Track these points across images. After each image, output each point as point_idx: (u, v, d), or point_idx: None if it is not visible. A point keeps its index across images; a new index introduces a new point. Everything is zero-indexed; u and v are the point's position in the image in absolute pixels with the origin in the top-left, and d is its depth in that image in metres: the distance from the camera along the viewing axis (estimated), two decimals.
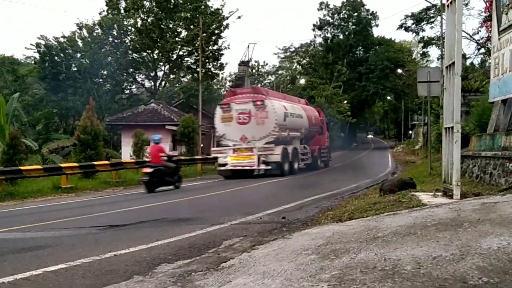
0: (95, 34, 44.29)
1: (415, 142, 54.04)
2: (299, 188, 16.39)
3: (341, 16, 75.72)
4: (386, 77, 72.38)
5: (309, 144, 26.60)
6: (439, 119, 23.52)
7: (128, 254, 6.01)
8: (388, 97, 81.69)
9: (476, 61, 37.41)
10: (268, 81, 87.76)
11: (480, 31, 30.13)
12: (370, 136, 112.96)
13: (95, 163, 20.74)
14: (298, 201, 11.44)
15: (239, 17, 75.53)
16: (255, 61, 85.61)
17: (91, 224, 9.13)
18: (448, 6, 8.09)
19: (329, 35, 76.52)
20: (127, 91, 48.90)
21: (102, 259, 5.79)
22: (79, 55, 43.37)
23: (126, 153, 29.29)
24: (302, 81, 71.66)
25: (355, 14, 75.17)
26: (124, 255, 5.94)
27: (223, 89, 70.00)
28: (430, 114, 21.70)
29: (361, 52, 77.76)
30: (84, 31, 44.59)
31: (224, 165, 21.97)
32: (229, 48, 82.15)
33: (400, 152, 50.88)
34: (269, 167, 21.53)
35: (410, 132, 75.12)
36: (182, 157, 27.79)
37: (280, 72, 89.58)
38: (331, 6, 75.67)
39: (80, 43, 44.21)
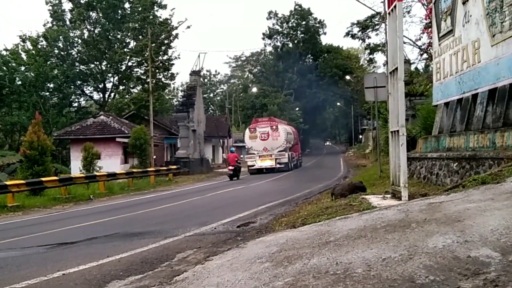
0: (39, 47, 42.90)
1: (365, 146, 54.74)
2: (262, 195, 16.51)
3: (290, 25, 76.61)
4: (335, 83, 73.35)
5: (292, 151, 37.29)
6: (387, 123, 24.16)
7: (77, 272, 5.81)
8: (338, 103, 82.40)
9: (420, 66, 38.75)
10: (221, 90, 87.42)
11: (422, 37, 31.25)
12: (328, 143, 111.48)
13: (43, 179, 20.01)
14: (253, 209, 11.44)
15: (188, 27, 75.22)
16: (207, 71, 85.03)
17: (39, 243, 8.78)
18: (389, 13, 8.35)
19: (278, 43, 77.33)
20: (75, 104, 47.56)
21: (50, 279, 5.57)
22: (23, 68, 41.85)
23: (76, 168, 28.45)
24: (254, 89, 72.17)
25: (303, 22, 76.21)
26: (73, 274, 5.74)
27: (175, 99, 69.25)
28: (378, 118, 22.41)
29: (311, 60, 78.47)
30: (28, 43, 43.13)
31: (253, 166, 34.04)
32: (179, 58, 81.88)
33: (351, 157, 51.46)
34: (282, 166, 33.82)
35: (361, 136, 75.61)
36: (134, 170, 27.29)
37: (232, 81, 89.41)
38: (279, 15, 76.47)
39: (24, 55, 42.70)
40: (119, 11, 44.24)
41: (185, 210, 13.28)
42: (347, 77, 70.15)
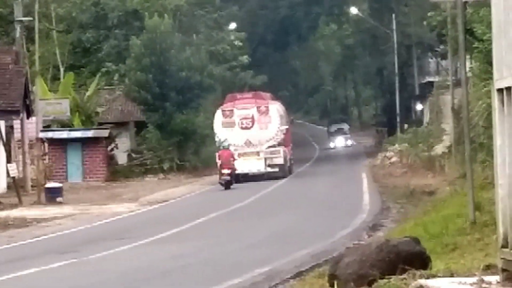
0: None
1: (433, 135, 25.77)
2: None
3: None
4: None
5: (285, 145, 26.05)
6: (491, 66, 7.73)
7: None
8: (353, 10, 39.19)
9: None
10: None
11: None
12: (341, 138, 42.80)
13: None
14: None
15: None
16: None
17: None
18: None
19: None
20: None
21: None
22: None
23: None
24: None
25: None
26: None
27: None
28: (467, 54, 10.50)
29: None
30: None
31: None
32: None
33: (393, 165, 25.59)
34: (276, 170, 24.29)
35: (419, 107, 36.17)
36: None
37: None
38: None
39: None
40: None
41: None
42: None
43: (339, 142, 42.36)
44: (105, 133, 27.26)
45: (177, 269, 8.39)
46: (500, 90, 3.68)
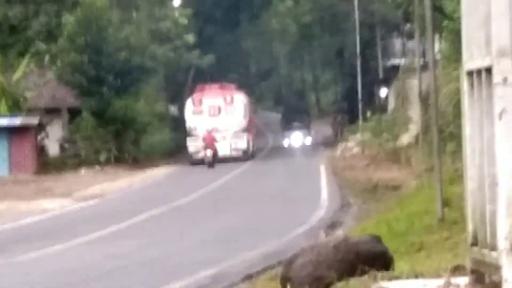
0: None
1: (399, 123, 23.91)
2: None
3: None
4: None
5: (248, 131, 29.90)
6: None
7: None
8: None
9: None
10: None
11: None
12: (298, 134, 36.79)
13: None
14: None
15: None
16: None
17: None
18: None
19: None
20: None
21: None
22: None
23: None
24: None
25: None
26: None
27: None
28: (436, 34, 10.42)
29: None
30: None
31: (196, 153, 27.20)
32: None
33: (355, 157, 23.95)
34: (240, 153, 27.81)
35: (383, 92, 33.44)
36: None
37: None
38: None
39: None
40: None
41: None
42: None
43: (296, 140, 36.67)
44: (34, 120, 25.86)
45: (113, 271, 8.01)
46: (470, 73, 3.52)
